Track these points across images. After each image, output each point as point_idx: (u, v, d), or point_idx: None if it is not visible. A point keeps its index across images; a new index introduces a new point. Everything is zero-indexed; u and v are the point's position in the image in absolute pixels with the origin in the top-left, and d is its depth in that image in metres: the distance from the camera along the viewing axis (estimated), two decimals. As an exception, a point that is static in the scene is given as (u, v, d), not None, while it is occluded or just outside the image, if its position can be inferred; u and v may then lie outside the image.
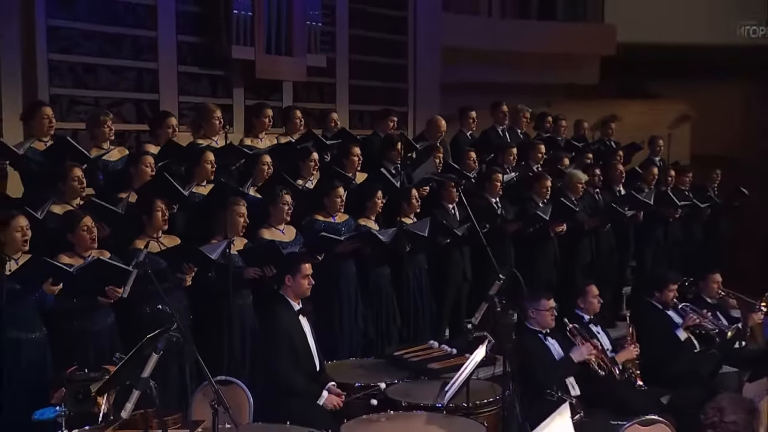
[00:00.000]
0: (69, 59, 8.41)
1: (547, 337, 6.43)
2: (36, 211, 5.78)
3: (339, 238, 6.96)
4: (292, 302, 5.74)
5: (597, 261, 9.50)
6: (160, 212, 5.99)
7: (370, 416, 5.33)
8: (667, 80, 14.35)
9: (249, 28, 9.35)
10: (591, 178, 9.94)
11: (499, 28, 12.87)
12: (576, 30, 13.65)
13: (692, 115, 14.36)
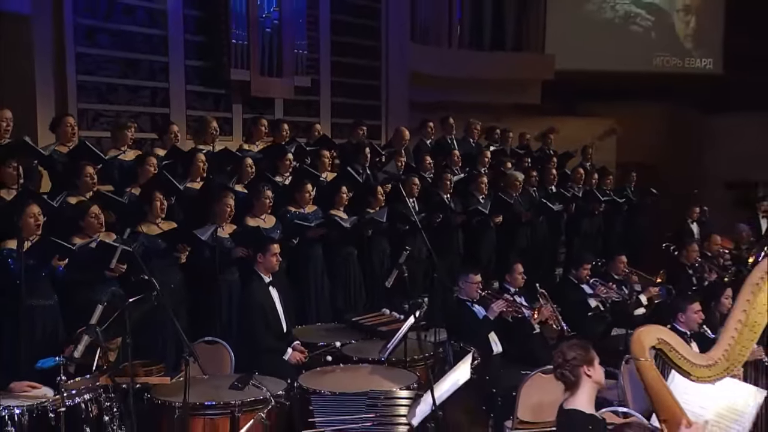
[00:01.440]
0: (94, 80, 8.40)
1: (474, 304, 6.39)
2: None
3: (309, 224, 6.97)
4: (263, 276, 5.71)
5: (532, 247, 9.52)
6: (159, 202, 5.99)
7: (324, 368, 5.33)
8: (597, 100, 14.29)
9: (245, 54, 9.33)
10: (529, 179, 10.02)
11: (457, 56, 12.80)
12: (521, 59, 13.59)
13: (617, 129, 14.26)
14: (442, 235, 8.61)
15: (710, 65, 15.32)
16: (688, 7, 15.23)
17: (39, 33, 7.81)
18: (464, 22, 12.99)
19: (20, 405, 4.11)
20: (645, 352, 3.74)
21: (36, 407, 4.12)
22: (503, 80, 13.17)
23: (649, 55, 15.02)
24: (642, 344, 3.75)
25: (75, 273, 5.33)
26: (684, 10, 15.22)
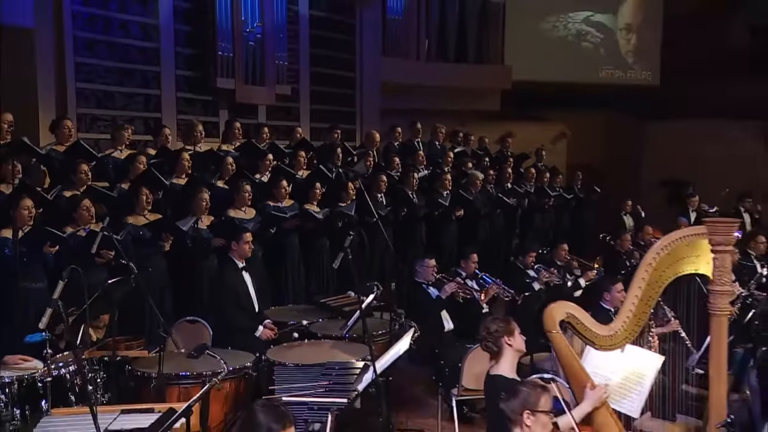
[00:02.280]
0: (92, 87, 8.30)
1: (429, 286, 6.43)
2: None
3: (285, 215, 6.96)
4: (237, 262, 5.67)
5: (490, 238, 9.56)
6: (144, 196, 5.98)
7: (291, 343, 5.33)
8: (550, 108, 14.27)
9: (230, 65, 9.27)
10: (487, 177, 10.07)
11: (424, 68, 12.76)
12: (482, 70, 13.58)
13: (568, 133, 14.38)
14: (407, 227, 8.68)
15: (649, 77, 15.37)
16: (629, 26, 15.27)
17: (41, 44, 7.71)
18: (431, 37, 12.94)
19: (10, 375, 4.08)
20: (555, 326, 3.79)
21: (25, 377, 4.10)
22: (466, 89, 13.14)
23: (596, 68, 15.06)
24: (553, 319, 3.79)
25: (66, 259, 5.22)
26: (626, 28, 15.26)
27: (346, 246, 4.89)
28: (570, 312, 3.72)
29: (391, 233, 8.48)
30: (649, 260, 3.42)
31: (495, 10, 13.66)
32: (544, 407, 3.09)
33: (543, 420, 3.07)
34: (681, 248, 3.34)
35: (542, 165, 11.67)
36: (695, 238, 3.30)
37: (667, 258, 3.37)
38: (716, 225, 3.25)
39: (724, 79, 13.60)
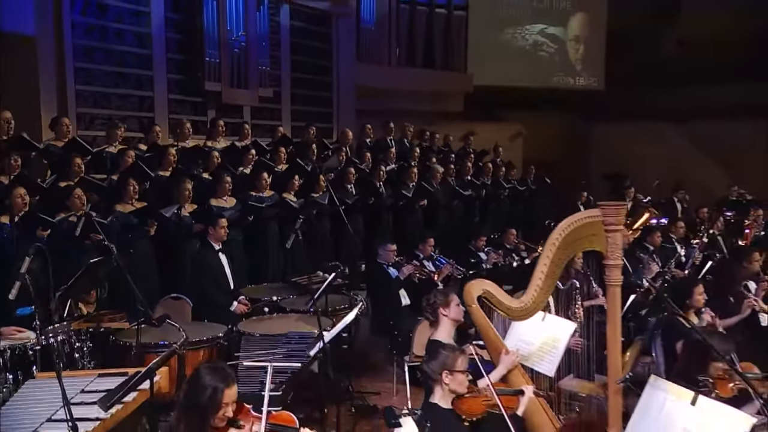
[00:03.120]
0: (90, 89, 8.18)
1: (389, 267, 6.48)
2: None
3: (261, 205, 6.96)
4: (214, 245, 5.67)
5: (450, 225, 9.63)
6: (132, 187, 5.93)
7: (261, 317, 5.39)
8: (508, 109, 14.37)
9: (217, 69, 9.17)
10: (448, 171, 10.13)
11: (395, 73, 12.74)
12: (447, 76, 13.57)
13: (524, 132, 14.46)
14: (375, 215, 8.72)
15: (595, 83, 15.42)
16: (578, 37, 15.31)
17: (43, 51, 7.59)
18: (401, 45, 12.92)
19: (4, 345, 4.08)
20: (474, 301, 3.82)
21: (18, 347, 4.09)
22: (432, 92, 13.13)
23: (549, 74, 15.08)
24: (471, 295, 3.82)
25: (58, 242, 5.24)
26: (575, 40, 15.30)
27: (297, 228, 4.93)
28: (486, 288, 3.76)
29: (361, 220, 8.60)
30: (553, 240, 3.44)
31: (458, 22, 13.63)
32: (461, 367, 3.15)
33: (460, 378, 3.13)
34: (580, 229, 3.36)
35: (499, 160, 11.76)
36: (591, 220, 3.33)
37: (569, 238, 3.40)
38: (608, 208, 3.28)
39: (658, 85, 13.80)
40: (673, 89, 13.58)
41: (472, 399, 3.20)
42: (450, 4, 13.43)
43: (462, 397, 3.17)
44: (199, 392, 2.59)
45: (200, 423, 2.58)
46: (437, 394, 3.16)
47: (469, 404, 3.17)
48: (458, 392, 3.17)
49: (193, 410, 2.59)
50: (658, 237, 7.76)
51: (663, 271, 6.77)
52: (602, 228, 3.30)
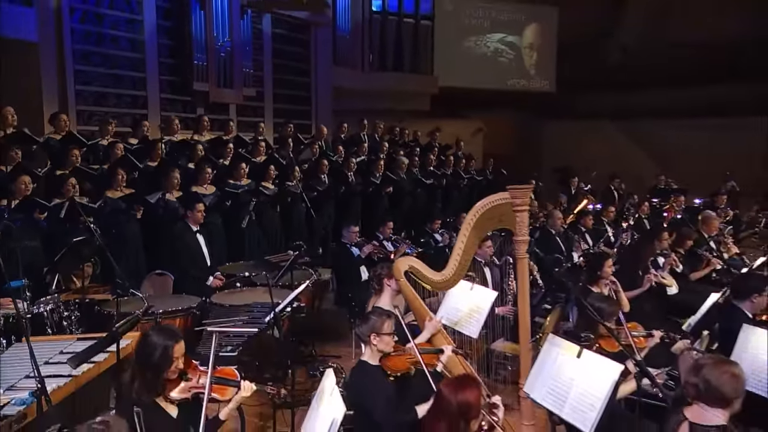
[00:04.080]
0: (89, 89, 8.15)
1: (352, 246, 6.47)
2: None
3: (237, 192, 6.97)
4: (192, 226, 5.63)
5: (414, 211, 9.70)
6: (120, 175, 5.93)
7: (233, 290, 5.42)
8: (470, 108, 14.44)
9: (205, 71, 9.15)
10: (413, 162, 10.19)
11: (368, 76, 12.74)
12: (415, 78, 13.57)
13: (484, 129, 14.54)
14: (345, 201, 8.78)
15: (547, 86, 15.50)
16: (531, 45, 15.37)
17: (45, 55, 7.55)
18: (373, 51, 12.90)
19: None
20: (401, 275, 3.85)
21: (11, 315, 4.09)
22: (402, 93, 13.13)
23: (507, 78, 15.16)
24: (399, 270, 3.85)
25: (54, 223, 5.29)
26: (529, 47, 15.36)
27: (250, 210, 4.96)
28: (411, 264, 3.80)
29: (333, 205, 8.67)
30: (468, 221, 3.49)
31: (425, 30, 13.63)
32: (387, 331, 3.17)
33: (386, 340, 3.16)
34: (491, 210, 3.41)
35: (461, 153, 11.82)
36: (501, 202, 3.38)
37: (482, 219, 3.45)
38: (515, 191, 3.35)
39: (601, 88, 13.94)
40: (614, 92, 13.74)
41: (396, 357, 3.24)
42: (417, 15, 13.41)
43: (388, 356, 3.21)
44: (151, 351, 2.60)
45: (155, 378, 2.61)
46: (367, 353, 3.20)
47: (394, 362, 3.22)
48: (385, 352, 3.18)
49: (148, 367, 2.61)
50: (590, 220, 7.91)
51: (589, 248, 6.90)
52: (511, 209, 3.36)
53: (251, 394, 2.78)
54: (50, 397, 2.84)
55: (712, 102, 12.67)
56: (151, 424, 2.57)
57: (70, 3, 7.92)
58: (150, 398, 2.60)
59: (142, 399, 2.58)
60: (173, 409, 2.68)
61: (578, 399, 2.90)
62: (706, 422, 2.53)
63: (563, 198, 10.52)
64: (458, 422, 2.37)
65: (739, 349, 3.42)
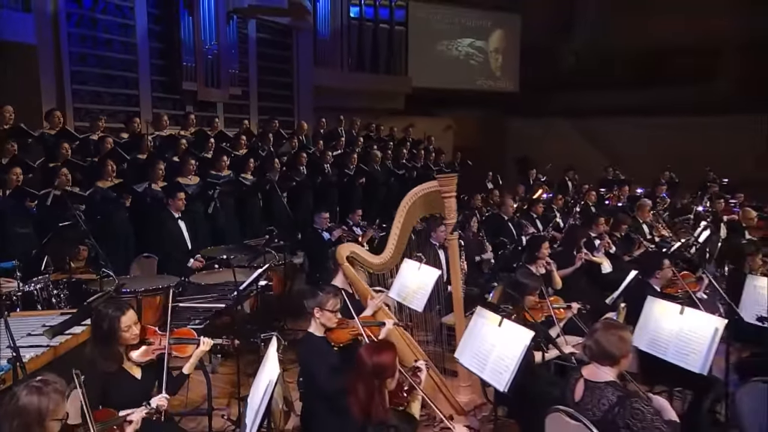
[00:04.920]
0: (85, 88, 8.09)
1: (323, 231, 6.55)
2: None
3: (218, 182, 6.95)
4: (174, 213, 5.64)
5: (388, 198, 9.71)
6: (110, 167, 5.90)
7: (211, 270, 5.42)
8: (441, 107, 14.45)
9: (193, 72, 9.10)
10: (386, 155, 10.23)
11: (347, 76, 12.69)
12: (390, 78, 13.55)
13: (453, 125, 14.60)
14: (322, 191, 8.81)
15: (510, 86, 15.57)
16: (497, 49, 15.41)
17: (43, 57, 7.49)
18: (351, 54, 12.87)
19: (-8, 291, 4.15)
20: (344, 260, 3.94)
21: (3, 293, 4.06)
22: (378, 92, 13.11)
23: (475, 79, 15.19)
24: (341, 256, 3.94)
25: (45, 211, 5.27)
26: (495, 51, 15.40)
27: (215, 197, 4.98)
28: (352, 250, 3.88)
29: (311, 195, 8.71)
30: (402, 208, 3.57)
31: (399, 35, 13.61)
32: (331, 307, 3.21)
33: (327, 315, 3.20)
34: (423, 197, 3.52)
35: (432, 147, 11.87)
36: (431, 190, 3.47)
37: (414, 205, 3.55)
38: (443, 179, 3.44)
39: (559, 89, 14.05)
40: (570, 92, 13.84)
41: (340, 330, 3.29)
42: (392, 21, 13.38)
43: (333, 329, 3.27)
44: (100, 323, 2.65)
45: (108, 346, 2.65)
46: (313, 325, 3.26)
47: (338, 334, 3.27)
48: (327, 326, 3.21)
49: (99, 338, 2.65)
50: (541, 207, 8.03)
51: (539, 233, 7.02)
52: (440, 196, 3.45)
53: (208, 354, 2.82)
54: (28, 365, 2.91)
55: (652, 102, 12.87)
56: (119, 386, 2.64)
57: (67, 8, 7.85)
58: (110, 365, 2.65)
59: (104, 366, 2.63)
60: (137, 371, 2.75)
61: (496, 362, 3.02)
62: (598, 378, 2.66)
63: (521, 188, 10.63)
64: (372, 381, 2.44)
65: (643, 318, 3.54)
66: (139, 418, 2.24)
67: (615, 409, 2.53)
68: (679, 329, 3.31)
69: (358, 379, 2.46)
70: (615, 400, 2.56)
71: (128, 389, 2.61)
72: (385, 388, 2.49)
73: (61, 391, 1.93)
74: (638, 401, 2.53)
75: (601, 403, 2.59)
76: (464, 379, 3.86)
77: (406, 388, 2.72)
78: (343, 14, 12.43)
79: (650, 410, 2.51)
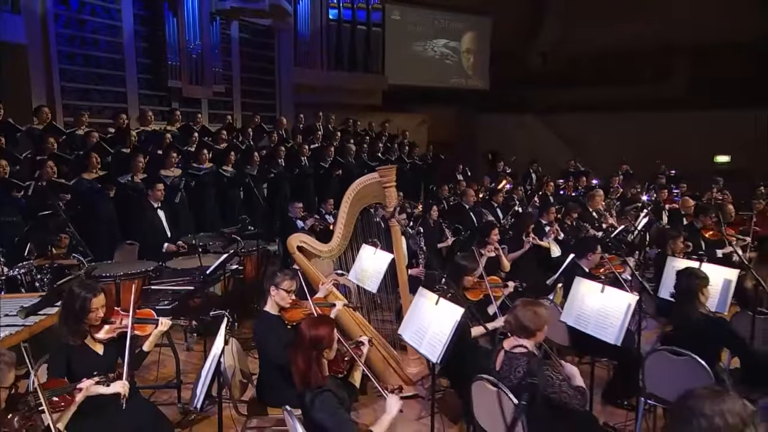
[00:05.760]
0: (74, 85, 8.07)
1: (297, 220, 6.56)
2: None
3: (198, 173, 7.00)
4: (153, 203, 5.64)
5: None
6: (94, 159, 5.92)
7: (190, 255, 5.39)
8: (416, 103, 14.45)
9: (178, 71, 9.09)
10: (361, 148, 10.27)
11: (326, 75, 12.65)
12: (368, 77, 13.53)
13: (427, 120, 14.64)
14: (299, 183, 8.84)
15: (481, 84, 15.63)
16: (469, 50, 15.42)
17: (33, 56, 7.48)
18: (330, 53, 12.82)
19: (-24, 276, 4.18)
20: (294, 249, 4.01)
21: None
22: (356, 89, 13.09)
23: (448, 77, 15.21)
24: (292, 245, 4.00)
25: (32, 201, 5.26)
26: (467, 51, 15.41)
27: (181, 187, 5.01)
28: (302, 239, 3.95)
29: (288, 186, 8.76)
30: (346, 199, 3.63)
31: (376, 36, 13.57)
32: (285, 288, 3.27)
33: (282, 294, 3.26)
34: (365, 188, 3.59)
35: (406, 141, 11.96)
36: (373, 181, 3.54)
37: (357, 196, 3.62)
38: (383, 171, 3.51)
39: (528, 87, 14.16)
40: (537, 90, 13.97)
41: (294, 309, 3.35)
42: (369, 23, 13.34)
43: (287, 308, 3.34)
44: (73, 302, 2.69)
45: (76, 324, 2.70)
46: (269, 303, 3.33)
47: (291, 313, 3.34)
48: (281, 305, 3.25)
49: (70, 315, 2.70)
50: (501, 196, 8.16)
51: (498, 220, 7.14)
52: (381, 186, 3.52)
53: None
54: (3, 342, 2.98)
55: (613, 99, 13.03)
56: (81, 360, 2.71)
57: (55, 10, 7.80)
58: (76, 340, 2.72)
59: (69, 341, 2.70)
60: (99, 347, 2.80)
61: (432, 337, 3.13)
62: (515, 350, 2.79)
63: (487, 179, 10.76)
64: (311, 352, 2.54)
65: (570, 296, 3.68)
66: (88, 386, 2.31)
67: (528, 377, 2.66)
68: (600, 306, 3.43)
69: (298, 350, 2.55)
70: (528, 369, 2.68)
71: (90, 363, 2.67)
72: (322, 358, 2.59)
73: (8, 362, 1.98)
74: (549, 369, 2.66)
75: (517, 371, 2.72)
76: (413, 353, 3.98)
77: (347, 359, 2.82)
78: (322, 16, 12.38)
79: (559, 377, 2.64)
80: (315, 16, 12.13)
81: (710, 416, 1.54)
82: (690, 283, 3.34)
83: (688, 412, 1.58)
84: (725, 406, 1.56)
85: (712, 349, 3.20)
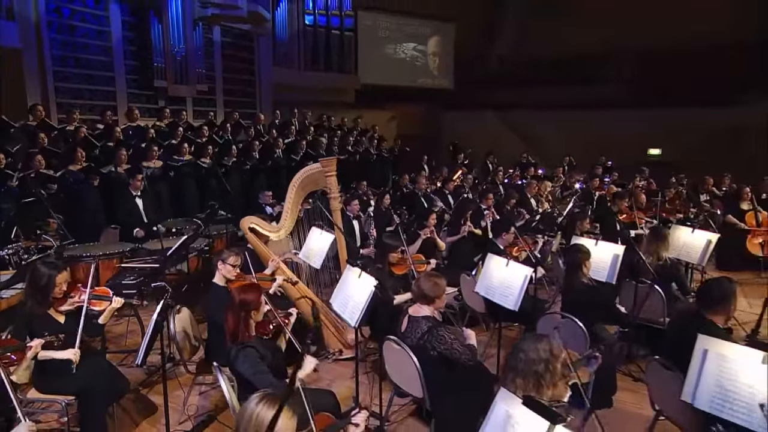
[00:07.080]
0: (67, 85, 8.03)
1: (267, 207, 6.58)
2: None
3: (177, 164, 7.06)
4: (133, 192, 5.71)
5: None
6: (79, 153, 5.98)
7: (166, 238, 5.36)
8: (386, 101, 14.49)
9: (163, 72, 9.06)
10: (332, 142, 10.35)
11: (303, 74, 12.63)
12: (342, 76, 13.52)
13: (397, 117, 14.73)
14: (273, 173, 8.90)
15: (446, 84, 15.71)
16: (435, 52, 15.48)
17: (27, 59, 7.43)
18: (307, 55, 12.82)
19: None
20: (247, 230, 4.15)
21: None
22: (331, 88, 13.09)
23: (416, 77, 15.25)
24: (245, 226, 4.13)
25: (24, 190, 5.33)
26: (433, 54, 15.47)
27: (155, 174, 5.03)
28: (252, 221, 4.08)
29: (264, 177, 8.84)
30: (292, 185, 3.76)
31: (349, 40, 13.60)
32: (231, 262, 3.42)
33: (227, 268, 3.42)
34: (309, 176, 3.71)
35: (375, 135, 12.08)
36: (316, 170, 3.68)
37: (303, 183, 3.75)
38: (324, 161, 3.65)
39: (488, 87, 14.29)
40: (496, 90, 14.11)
41: (238, 281, 3.51)
42: (342, 28, 13.35)
43: (233, 280, 3.50)
44: (39, 279, 2.80)
45: (42, 299, 2.82)
46: (216, 276, 3.51)
47: (236, 285, 3.44)
48: (228, 277, 3.38)
49: (36, 291, 2.81)
50: (452, 185, 8.34)
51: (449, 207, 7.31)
52: (324, 175, 3.68)
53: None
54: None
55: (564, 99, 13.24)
56: (43, 327, 2.86)
57: (48, 17, 7.76)
58: (39, 309, 2.87)
59: (35, 311, 2.84)
60: (61, 317, 2.95)
61: (353, 306, 3.33)
62: (417, 314, 3.00)
63: (444, 170, 10.93)
64: (240, 313, 2.71)
65: (483, 270, 3.90)
66: (38, 345, 2.47)
67: (425, 336, 2.88)
68: (504, 278, 3.67)
69: (229, 310, 2.73)
70: (426, 329, 2.90)
71: (51, 330, 2.83)
72: (250, 319, 2.77)
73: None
74: (443, 329, 2.89)
75: (416, 332, 2.93)
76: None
77: (274, 324, 3.00)
78: (299, 21, 12.36)
79: (451, 336, 2.86)
80: (292, 21, 12.13)
81: (526, 351, 1.98)
82: (575, 256, 3.57)
83: (516, 350, 2.02)
84: (540, 345, 1.98)
85: (591, 312, 3.43)
